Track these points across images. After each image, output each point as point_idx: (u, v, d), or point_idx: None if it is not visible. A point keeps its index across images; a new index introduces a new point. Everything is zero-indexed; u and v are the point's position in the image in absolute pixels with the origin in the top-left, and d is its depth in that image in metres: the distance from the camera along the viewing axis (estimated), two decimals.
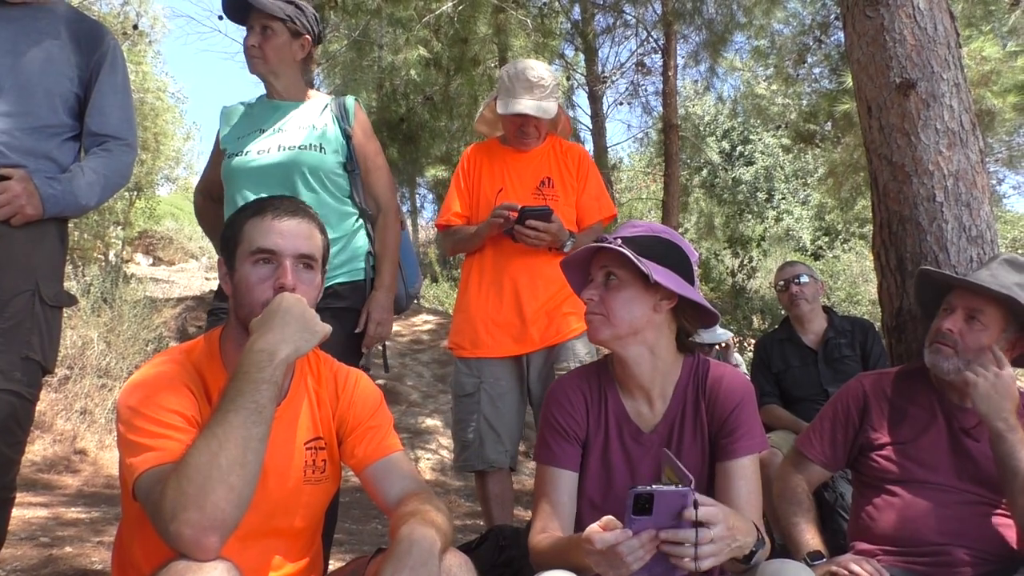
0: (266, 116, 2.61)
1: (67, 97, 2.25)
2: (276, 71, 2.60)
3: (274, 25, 2.53)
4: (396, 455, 1.70)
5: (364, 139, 2.65)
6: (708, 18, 9.91)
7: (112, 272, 7.46)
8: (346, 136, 2.59)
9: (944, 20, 2.62)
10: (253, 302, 1.56)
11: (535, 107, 2.96)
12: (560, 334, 2.97)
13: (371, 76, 11.66)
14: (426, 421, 7.06)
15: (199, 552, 1.28)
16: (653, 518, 1.35)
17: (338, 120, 2.60)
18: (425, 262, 17.35)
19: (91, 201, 2.26)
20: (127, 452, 1.44)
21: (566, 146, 3.19)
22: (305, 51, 2.63)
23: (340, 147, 2.57)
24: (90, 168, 2.25)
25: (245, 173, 2.50)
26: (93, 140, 2.31)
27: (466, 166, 3.18)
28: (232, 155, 2.55)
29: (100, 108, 2.30)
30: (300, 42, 2.60)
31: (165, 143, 15.60)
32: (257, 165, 2.50)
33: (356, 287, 2.57)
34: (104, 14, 11.77)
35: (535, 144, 3.11)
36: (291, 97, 2.65)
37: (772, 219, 19.08)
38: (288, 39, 2.57)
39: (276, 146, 2.51)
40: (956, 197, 2.50)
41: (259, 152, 2.51)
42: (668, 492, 1.34)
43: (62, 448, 5.66)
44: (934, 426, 2.07)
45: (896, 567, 1.95)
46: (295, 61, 2.62)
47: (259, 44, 2.54)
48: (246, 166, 2.51)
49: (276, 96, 2.66)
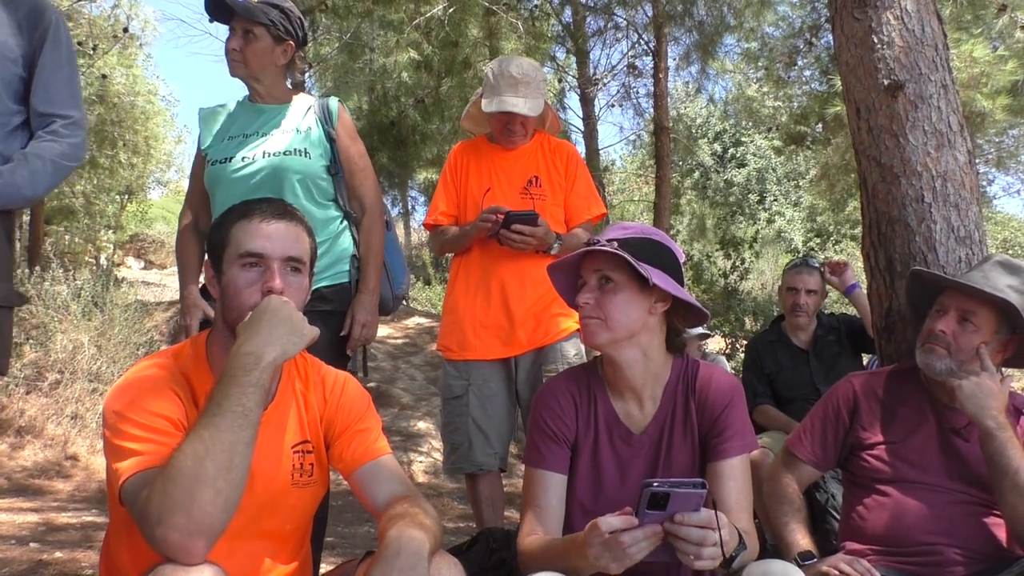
0: (249, 120, 2.58)
1: (10, 81, 2.13)
2: (257, 75, 2.57)
3: (256, 30, 2.50)
4: (384, 458, 1.69)
5: (348, 141, 2.63)
6: (699, 20, 9.91)
7: (103, 276, 7.41)
8: (330, 138, 2.57)
9: (932, 22, 2.63)
10: (241, 306, 1.55)
11: (520, 104, 2.93)
12: (548, 336, 2.96)
13: (362, 79, 11.66)
14: (418, 424, 7.05)
15: (185, 557, 1.28)
16: (665, 513, 1.36)
17: (322, 122, 2.58)
18: (418, 265, 17.34)
19: (38, 191, 2.14)
20: (113, 457, 1.43)
21: (554, 143, 3.16)
22: (288, 56, 2.60)
23: (324, 150, 2.55)
24: (34, 155, 2.12)
25: (230, 182, 2.48)
26: (40, 121, 2.18)
27: (453, 164, 3.15)
28: (215, 162, 2.52)
29: (45, 85, 2.18)
30: (283, 47, 2.57)
31: (156, 146, 15.56)
32: (242, 174, 2.47)
33: (341, 290, 2.56)
34: (94, 17, 11.72)
35: (522, 142, 3.08)
36: (274, 100, 2.62)
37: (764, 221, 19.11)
38: (270, 44, 2.53)
39: (261, 152, 2.49)
40: (945, 198, 2.51)
41: (244, 159, 2.49)
42: (684, 493, 1.36)
43: (53, 453, 5.63)
44: (924, 426, 2.08)
45: (887, 567, 1.95)
46: (277, 66, 2.59)
47: (240, 48, 2.51)
48: (231, 174, 2.48)
49: (258, 99, 2.62)
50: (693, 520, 1.37)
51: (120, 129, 13.32)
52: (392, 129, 11.81)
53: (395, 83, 11.19)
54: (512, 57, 3.08)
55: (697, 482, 1.36)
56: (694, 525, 1.37)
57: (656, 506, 1.35)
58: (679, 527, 1.37)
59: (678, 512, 1.37)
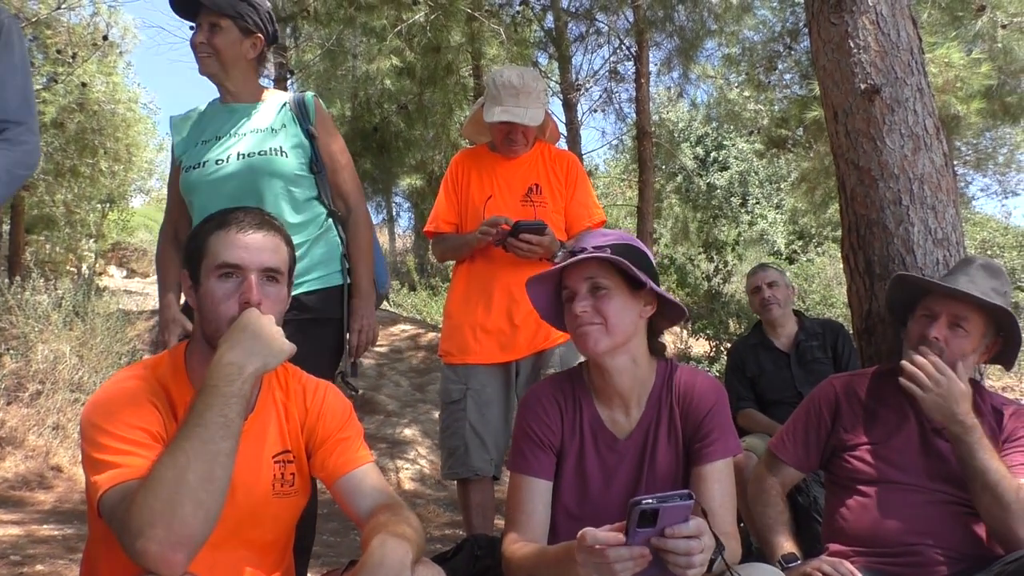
0: (221, 122, 2.50)
1: None
2: (227, 70, 2.47)
3: (222, 22, 2.41)
4: (366, 467, 1.68)
5: (328, 137, 2.54)
6: (679, 25, 9.96)
7: (84, 285, 7.34)
8: (308, 135, 2.49)
9: (907, 27, 2.66)
10: (219, 318, 1.54)
11: (521, 114, 2.95)
12: (548, 340, 2.98)
13: (345, 85, 11.62)
14: (404, 431, 7.02)
15: (166, 569, 1.27)
16: (656, 529, 1.37)
17: (298, 120, 2.50)
18: (403, 271, 17.31)
19: None
20: (91, 470, 1.42)
21: (555, 152, 3.19)
22: (257, 50, 2.50)
23: (303, 148, 2.47)
24: None
25: (205, 186, 2.40)
26: None
27: (455, 172, 3.17)
28: (189, 167, 2.44)
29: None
30: (251, 40, 2.47)
31: (137, 154, 15.42)
32: (217, 177, 2.39)
33: (329, 295, 2.49)
34: (74, 25, 11.62)
35: (523, 151, 3.10)
36: (245, 99, 2.53)
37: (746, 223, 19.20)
38: (238, 36, 2.44)
39: (235, 154, 2.41)
40: (922, 200, 2.54)
41: (218, 162, 2.40)
42: (672, 506, 1.36)
43: (35, 464, 5.56)
44: (905, 426, 2.09)
45: (869, 568, 1.96)
46: (247, 60, 2.49)
47: (207, 41, 2.42)
48: (206, 178, 2.40)
49: (229, 99, 2.53)
50: (683, 531, 1.37)
51: (101, 137, 13.21)
52: (375, 135, 11.81)
53: (378, 89, 11.18)
54: (513, 67, 3.11)
55: (683, 493, 1.37)
56: (685, 536, 1.37)
57: (646, 523, 1.36)
58: (668, 540, 1.37)
59: (668, 526, 1.37)
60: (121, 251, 20.14)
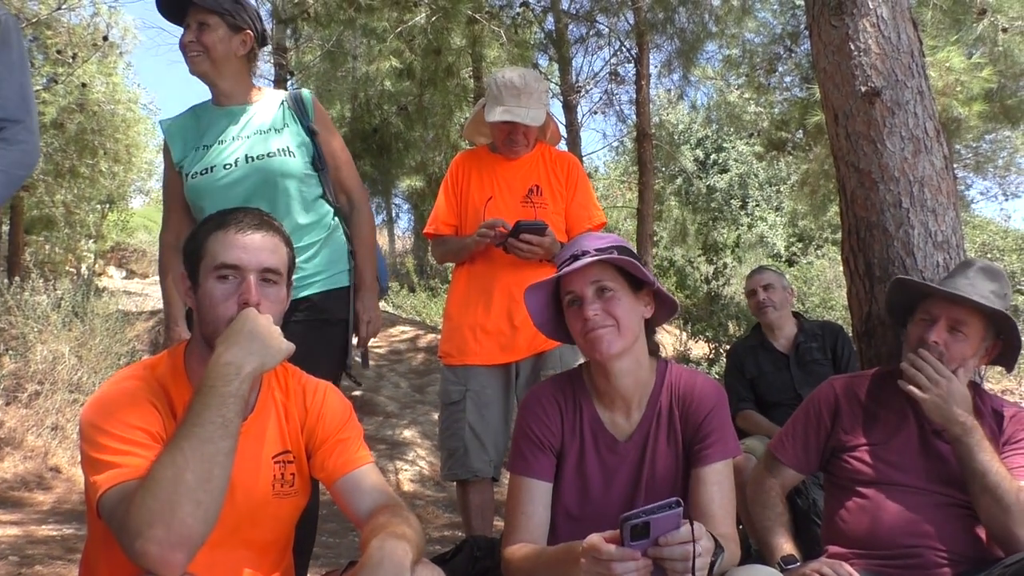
0: (220, 125, 2.47)
1: None
2: (218, 68, 2.43)
3: (210, 20, 2.38)
4: (366, 467, 1.68)
5: (328, 134, 2.54)
6: (680, 27, 9.98)
7: (84, 285, 7.34)
8: (309, 133, 2.48)
9: (908, 29, 2.67)
10: (217, 319, 1.54)
11: (523, 114, 2.95)
12: (548, 341, 2.97)
13: (345, 87, 11.63)
14: (404, 432, 7.02)
15: (165, 569, 1.27)
16: (650, 540, 1.37)
17: (298, 118, 2.49)
18: (402, 272, 17.31)
19: None
20: (91, 470, 1.42)
21: (556, 154, 3.19)
22: (247, 47, 2.46)
23: (307, 146, 2.47)
24: None
25: (215, 191, 2.37)
26: None
27: (455, 174, 3.17)
28: (195, 174, 2.41)
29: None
30: (241, 37, 2.43)
31: (137, 155, 15.39)
32: (227, 182, 2.37)
33: (338, 296, 2.49)
34: (74, 25, 11.62)
35: (524, 152, 3.10)
36: (238, 99, 2.50)
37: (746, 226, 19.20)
38: (227, 33, 2.40)
39: (244, 157, 2.39)
40: (922, 203, 2.54)
41: (226, 167, 2.38)
42: (662, 516, 1.37)
43: (33, 465, 5.56)
44: (905, 428, 2.09)
45: (869, 570, 1.95)
46: (237, 57, 2.45)
47: (196, 39, 2.39)
48: (216, 184, 2.38)
49: (224, 101, 2.50)
50: (677, 538, 1.37)
51: (101, 138, 13.19)
52: (375, 136, 11.81)
53: (378, 91, 11.18)
54: (515, 68, 3.10)
55: (672, 502, 1.38)
56: (679, 543, 1.38)
57: (640, 536, 1.37)
58: (663, 549, 1.37)
59: (661, 535, 1.38)
60: (120, 252, 20.15)
